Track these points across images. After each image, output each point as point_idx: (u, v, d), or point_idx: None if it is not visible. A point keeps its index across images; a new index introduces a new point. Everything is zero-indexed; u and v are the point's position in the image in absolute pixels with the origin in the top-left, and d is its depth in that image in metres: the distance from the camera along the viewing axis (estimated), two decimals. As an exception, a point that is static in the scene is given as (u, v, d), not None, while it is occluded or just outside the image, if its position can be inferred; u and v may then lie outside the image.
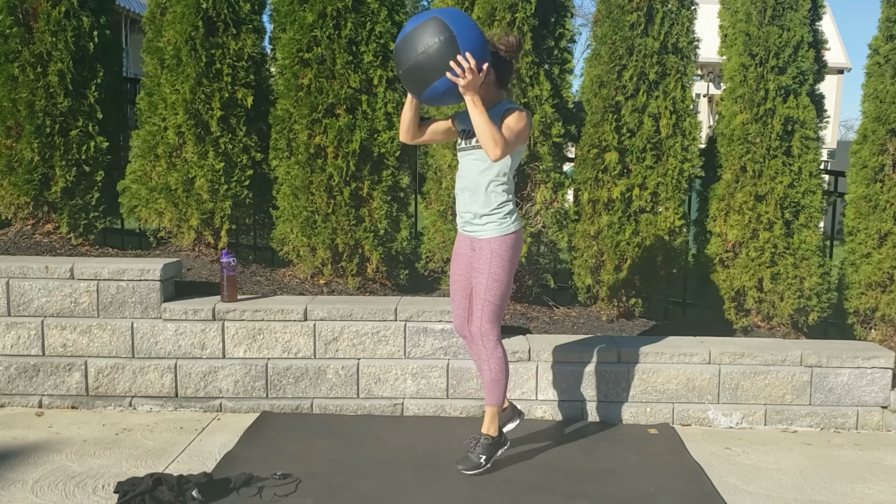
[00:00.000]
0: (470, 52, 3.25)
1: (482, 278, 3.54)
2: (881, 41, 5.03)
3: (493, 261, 3.52)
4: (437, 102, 3.49)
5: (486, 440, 3.66)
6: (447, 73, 3.26)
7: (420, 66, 3.28)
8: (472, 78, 3.26)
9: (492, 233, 3.52)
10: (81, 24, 5.03)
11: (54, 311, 4.38)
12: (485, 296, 3.55)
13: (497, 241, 3.52)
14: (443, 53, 3.24)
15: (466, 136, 3.58)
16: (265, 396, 4.39)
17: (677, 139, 4.96)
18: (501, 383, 3.64)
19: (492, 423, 3.68)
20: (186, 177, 5.00)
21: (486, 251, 3.53)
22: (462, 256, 3.70)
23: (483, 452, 3.63)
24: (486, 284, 3.53)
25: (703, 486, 3.57)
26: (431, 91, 3.34)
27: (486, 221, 3.53)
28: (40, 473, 3.50)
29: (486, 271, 3.53)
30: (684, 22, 4.96)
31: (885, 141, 4.97)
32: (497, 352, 3.61)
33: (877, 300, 5.01)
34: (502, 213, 3.52)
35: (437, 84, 3.30)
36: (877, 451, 4.12)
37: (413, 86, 3.39)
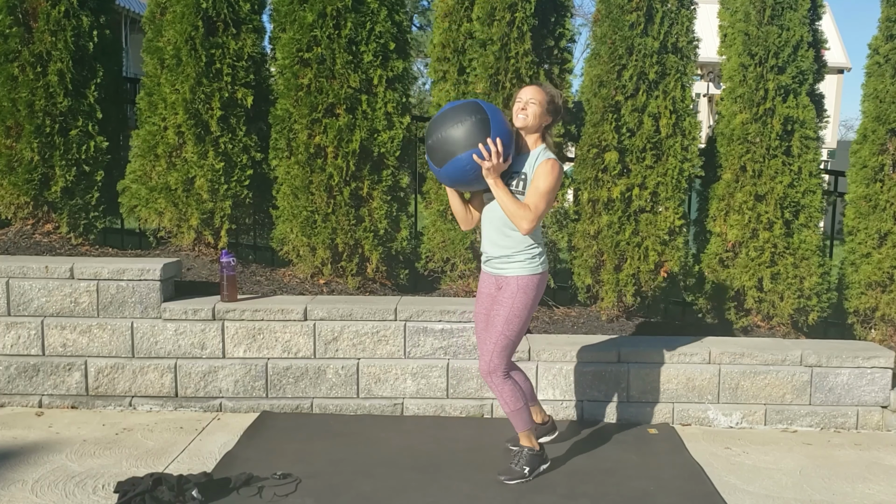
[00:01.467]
0: (500, 138, 3.37)
1: (503, 311, 3.51)
2: (881, 41, 5.03)
3: (518, 295, 3.50)
4: (457, 180, 3.50)
5: (531, 451, 3.64)
6: (474, 155, 3.35)
7: (449, 137, 3.39)
8: (497, 162, 3.35)
9: (520, 271, 3.52)
10: (81, 23, 5.03)
11: (54, 311, 4.37)
12: (502, 329, 3.50)
13: (525, 279, 3.51)
14: (474, 130, 3.36)
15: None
16: (265, 396, 4.39)
17: (677, 139, 4.96)
18: (521, 411, 3.59)
19: (528, 440, 3.66)
20: (186, 176, 5.00)
21: (513, 286, 3.51)
22: (485, 296, 3.68)
23: (527, 464, 3.61)
24: (505, 318, 3.50)
25: (702, 486, 3.57)
26: (454, 164, 3.41)
27: (515, 261, 3.53)
28: (40, 473, 3.50)
29: (508, 305, 3.50)
30: (684, 21, 4.96)
31: (885, 141, 4.97)
32: (506, 385, 3.55)
33: (877, 300, 5.01)
34: (532, 253, 3.53)
35: (461, 157, 3.38)
36: (877, 450, 4.12)
37: (437, 156, 3.45)
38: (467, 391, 4.40)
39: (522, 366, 4.36)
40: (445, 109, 3.46)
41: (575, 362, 4.39)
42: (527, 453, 3.63)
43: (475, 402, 4.41)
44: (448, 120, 3.40)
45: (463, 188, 3.58)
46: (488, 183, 3.41)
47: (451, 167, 3.42)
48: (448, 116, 3.41)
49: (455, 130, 3.37)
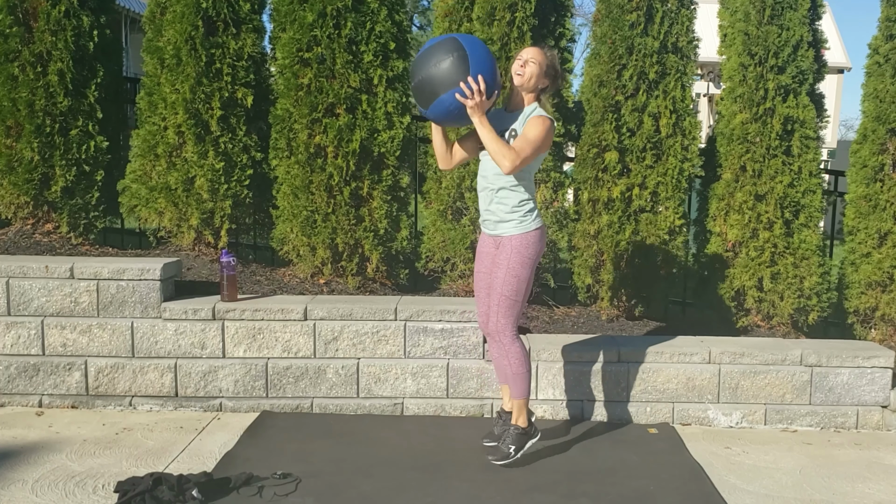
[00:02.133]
0: (481, 75, 3.33)
1: (500, 273, 3.58)
2: (881, 41, 5.03)
3: (513, 256, 3.56)
4: (445, 120, 3.52)
5: (516, 430, 3.70)
6: (456, 94, 3.33)
7: (430, 78, 3.35)
8: (479, 100, 3.35)
9: (513, 230, 3.57)
10: (81, 23, 5.03)
11: (54, 311, 4.38)
12: (501, 290, 3.58)
13: (518, 238, 3.57)
14: (453, 69, 3.33)
15: None
16: (265, 396, 4.39)
17: (677, 139, 4.96)
18: (524, 376, 3.67)
19: (520, 415, 3.71)
20: (186, 176, 5.00)
21: (508, 248, 3.58)
22: (485, 255, 3.74)
23: (512, 443, 3.68)
24: (503, 279, 3.58)
25: (702, 486, 3.57)
26: (438, 105, 3.39)
27: (508, 220, 3.58)
28: (40, 473, 3.50)
29: (504, 266, 3.58)
30: (684, 21, 4.96)
31: (885, 140, 4.97)
32: (514, 346, 3.64)
33: (877, 300, 5.01)
34: (523, 211, 3.57)
35: (444, 97, 3.36)
36: (877, 450, 4.12)
37: (422, 98, 3.44)
38: (467, 391, 4.40)
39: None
40: (425, 48, 3.42)
41: (575, 362, 4.39)
42: (513, 432, 3.69)
43: (475, 401, 4.41)
44: (428, 60, 3.37)
45: (452, 126, 3.58)
46: (473, 121, 3.41)
47: (435, 108, 3.41)
48: (427, 56, 3.38)
49: (435, 70, 3.34)
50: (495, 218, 3.62)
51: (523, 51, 3.61)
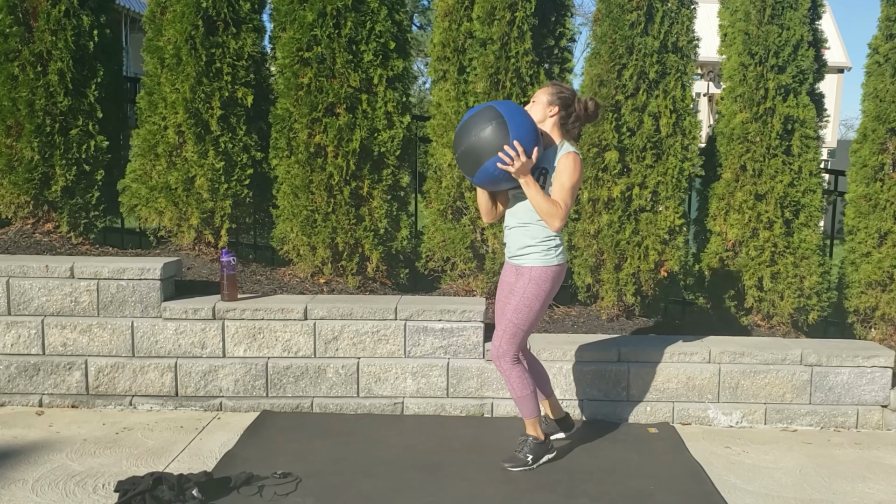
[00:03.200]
0: (518, 139, 3.42)
1: (514, 299, 3.61)
2: (881, 40, 5.03)
3: (530, 286, 3.59)
4: (491, 185, 3.58)
5: (535, 440, 3.72)
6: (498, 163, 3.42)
7: (473, 148, 3.46)
8: (521, 164, 3.41)
9: (535, 262, 3.60)
10: (81, 23, 5.03)
11: (54, 310, 4.38)
12: (511, 316, 3.61)
13: (538, 270, 3.59)
14: (493, 136, 3.43)
15: None
16: (265, 395, 4.39)
17: (677, 138, 4.96)
18: (529, 397, 3.68)
19: (534, 429, 3.74)
20: (186, 176, 5.01)
21: (526, 277, 3.61)
22: (506, 284, 3.78)
23: (530, 452, 3.70)
24: (515, 306, 3.60)
25: (702, 485, 3.57)
26: (483, 173, 3.49)
27: (531, 252, 3.62)
28: (41, 472, 3.50)
29: (520, 294, 3.61)
30: (684, 21, 4.96)
31: (885, 140, 4.97)
32: (514, 371, 3.66)
33: (877, 299, 5.01)
34: (548, 245, 3.61)
35: (487, 165, 3.46)
36: (877, 449, 4.12)
37: (467, 167, 3.54)
38: (467, 390, 4.40)
39: (522, 365, 4.36)
40: (465, 120, 3.53)
41: (575, 361, 4.39)
42: (531, 441, 3.71)
43: (475, 401, 4.41)
44: (468, 131, 3.48)
45: (500, 189, 3.62)
46: (521, 183, 3.48)
47: (481, 175, 3.50)
48: (467, 127, 3.49)
49: (476, 140, 3.45)
50: (519, 245, 3.65)
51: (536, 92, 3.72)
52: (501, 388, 4.38)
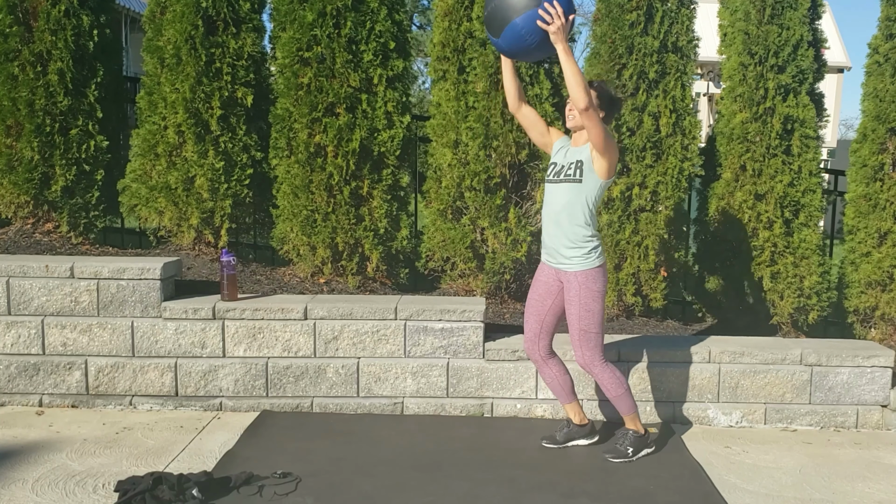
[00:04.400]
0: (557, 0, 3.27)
1: (574, 310, 3.67)
2: (881, 40, 5.03)
3: (583, 292, 3.65)
4: (515, 50, 3.44)
5: (635, 434, 3.84)
6: (538, 21, 3.28)
7: (503, 3, 3.30)
8: (560, 24, 3.31)
9: (578, 266, 3.64)
10: (81, 22, 5.03)
11: (54, 310, 4.38)
12: (579, 325, 3.68)
13: (583, 275, 3.64)
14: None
15: (556, 171, 3.71)
16: (265, 395, 4.39)
17: (677, 138, 4.96)
18: (624, 396, 3.79)
19: (634, 424, 3.85)
20: (186, 176, 5.01)
21: (575, 284, 3.66)
22: (542, 283, 3.83)
23: (630, 445, 3.80)
24: (578, 315, 3.66)
25: (702, 485, 3.57)
26: (510, 31, 3.32)
27: (572, 256, 3.65)
28: (41, 472, 3.50)
29: (576, 303, 3.66)
30: (684, 21, 4.97)
31: (885, 140, 4.97)
32: (606, 372, 3.76)
33: (877, 299, 5.01)
34: (587, 248, 3.64)
35: (517, 21, 3.29)
36: (877, 449, 4.12)
37: (494, 24, 3.37)
38: (467, 390, 4.40)
39: (523, 365, 4.36)
40: None
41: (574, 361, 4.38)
42: (632, 435, 3.83)
43: (475, 401, 4.41)
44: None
45: (523, 57, 3.52)
46: (558, 49, 3.38)
47: (508, 35, 3.35)
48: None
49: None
50: (560, 251, 3.68)
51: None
52: (501, 387, 4.39)
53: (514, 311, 5.02)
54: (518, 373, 4.38)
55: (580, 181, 3.59)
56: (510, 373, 4.37)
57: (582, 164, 3.60)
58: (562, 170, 3.67)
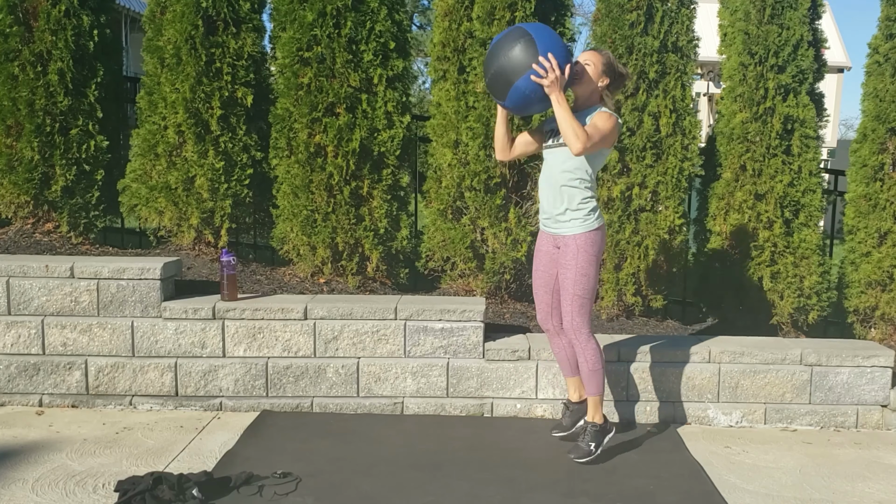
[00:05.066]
0: (551, 53, 3.40)
1: (570, 273, 3.65)
2: (881, 40, 5.03)
3: (580, 255, 3.64)
4: (523, 106, 3.57)
5: (594, 427, 3.78)
6: (532, 76, 3.40)
7: (503, 69, 3.44)
8: (555, 76, 3.41)
9: (577, 229, 3.64)
10: (81, 22, 5.03)
11: (54, 310, 4.38)
12: (573, 290, 3.65)
13: (582, 237, 3.63)
14: (523, 54, 3.40)
15: (553, 135, 3.72)
16: (265, 395, 4.39)
17: (677, 138, 4.96)
18: (599, 373, 3.76)
19: (595, 412, 3.80)
20: (186, 176, 5.01)
21: (572, 247, 3.64)
22: (544, 253, 3.83)
23: (592, 440, 3.75)
24: (573, 279, 3.64)
25: (702, 485, 3.57)
26: (515, 92, 3.46)
27: (571, 218, 3.65)
28: (41, 472, 3.50)
29: (573, 266, 3.64)
30: (684, 21, 4.97)
31: (885, 140, 4.97)
32: (591, 343, 3.73)
33: (877, 299, 5.01)
34: (586, 209, 3.64)
35: (519, 83, 3.43)
36: (877, 449, 4.12)
37: (498, 90, 3.52)
38: (467, 390, 4.40)
39: (522, 364, 4.36)
40: (493, 44, 3.52)
41: (575, 361, 4.39)
42: (591, 429, 3.78)
43: (475, 401, 4.41)
44: (497, 53, 3.46)
45: (533, 111, 3.61)
46: (552, 99, 3.46)
47: (513, 96, 3.47)
48: (496, 49, 3.47)
49: (506, 60, 3.42)
50: (558, 214, 3.68)
51: (580, 55, 3.71)
52: (501, 387, 4.39)
53: (514, 311, 5.02)
54: (518, 373, 4.38)
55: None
56: (510, 373, 4.38)
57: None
58: (559, 135, 3.64)
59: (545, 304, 3.89)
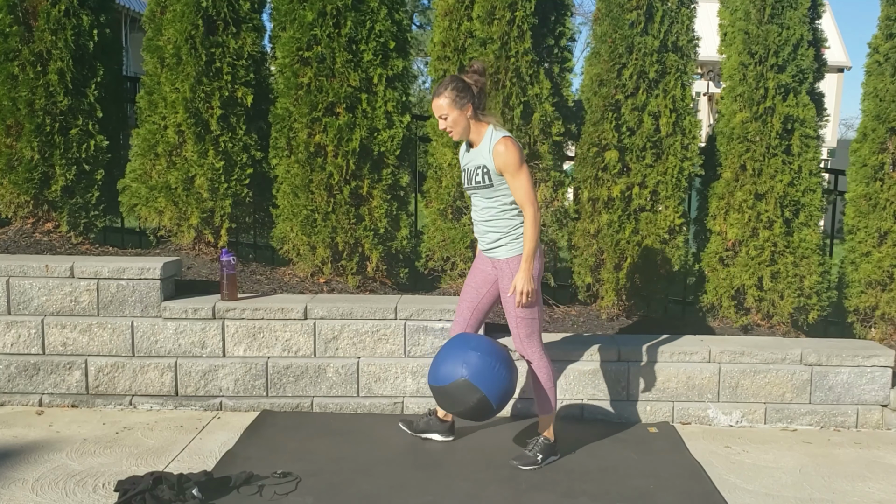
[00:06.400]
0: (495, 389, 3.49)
1: (510, 297, 3.65)
2: (881, 40, 5.03)
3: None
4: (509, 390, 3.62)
5: (546, 441, 3.79)
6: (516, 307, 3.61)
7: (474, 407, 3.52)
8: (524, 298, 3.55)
9: (509, 253, 3.65)
10: (81, 22, 5.03)
11: (54, 310, 4.38)
12: (516, 313, 3.67)
13: (515, 261, 3.64)
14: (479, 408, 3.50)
15: (467, 177, 3.72)
16: (265, 395, 4.39)
17: (677, 137, 4.96)
18: (552, 391, 3.78)
19: (547, 428, 3.81)
20: (186, 175, 5.00)
21: (507, 272, 3.66)
22: (480, 271, 3.85)
23: (540, 452, 3.75)
24: (514, 302, 3.64)
25: (702, 485, 3.57)
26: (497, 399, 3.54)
27: (502, 244, 3.67)
28: (41, 472, 3.50)
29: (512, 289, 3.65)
30: (684, 20, 4.96)
31: (885, 139, 4.97)
32: (543, 362, 3.74)
33: (877, 298, 5.01)
34: (516, 234, 3.64)
35: (493, 406, 3.54)
36: (877, 449, 4.12)
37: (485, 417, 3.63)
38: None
39: (521, 365, 4.36)
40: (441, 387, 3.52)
41: (575, 361, 4.39)
42: (542, 441, 3.78)
43: (475, 400, 4.40)
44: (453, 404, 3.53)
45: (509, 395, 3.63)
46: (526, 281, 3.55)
47: (497, 401, 3.52)
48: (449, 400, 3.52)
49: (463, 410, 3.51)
50: (490, 242, 3.71)
51: (432, 105, 3.63)
52: (501, 387, 4.38)
53: (514, 310, 5.02)
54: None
55: (492, 185, 3.59)
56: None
57: (488, 171, 3.57)
58: (471, 177, 3.65)
59: (462, 318, 3.87)
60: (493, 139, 3.55)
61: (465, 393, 3.44)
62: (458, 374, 3.43)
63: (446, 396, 3.49)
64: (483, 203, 3.66)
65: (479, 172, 3.59)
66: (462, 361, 3.45)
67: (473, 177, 3.62)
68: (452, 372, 3.44)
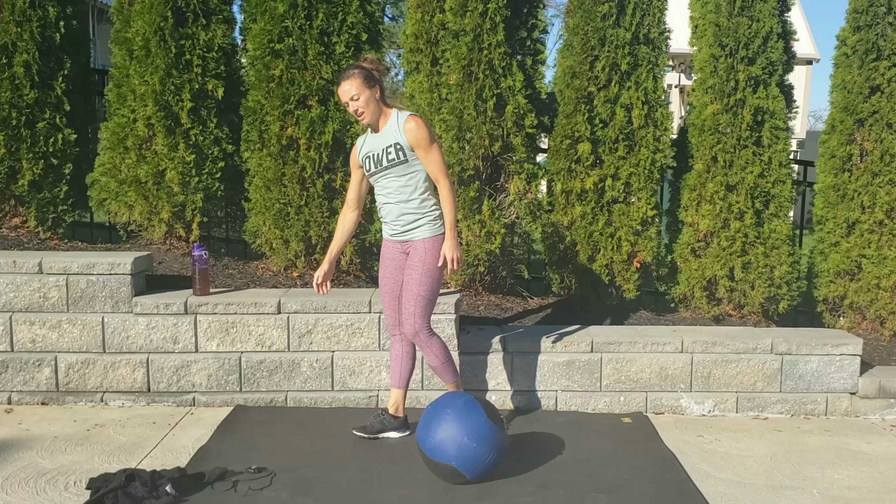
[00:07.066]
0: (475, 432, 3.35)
1: (415, 274, 3.70)
2: (849, 32, 5.09)
3: (427, 258, 3.70)
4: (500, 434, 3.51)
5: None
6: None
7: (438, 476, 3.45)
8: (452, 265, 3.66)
9: (425, 233, 3.71)
10: (47, 14, 4.95)
11: (23, 307, 4.31)
12: (417, 291, 3.70)
13: (430, 241, 3.71)
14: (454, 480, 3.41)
15: (374, 161, 3.70)
16: (239, 390, 4.36)
17: (649, 130, 4.99)
18: (450, 362, 3.85)
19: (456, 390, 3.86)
20: (157, 169, 4.95)
21: (420, 249, 3.71)
22: (390, 261, 3.86)
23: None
24: (418, 280, 3.69)
25: (675, 474, 3.61)
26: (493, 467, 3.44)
27: (419, 225, 3.71)
28: (10, 471, 3.45)
29: (419, 267, 3.70)
30: (655, 13, 4.99)
31: (853, 131, 5.04)
32: (433, 339, 3.79)
33: (845, 288, 5.08)
34: (434, 215, 3.72)
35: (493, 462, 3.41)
36: (845, 436, 4.18)
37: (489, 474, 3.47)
38: (442, 382, 4.40)
39: (496, 356, 4.38)
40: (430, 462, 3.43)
41: (548, 352, 4.41)
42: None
43: (450, 393, 4.41)
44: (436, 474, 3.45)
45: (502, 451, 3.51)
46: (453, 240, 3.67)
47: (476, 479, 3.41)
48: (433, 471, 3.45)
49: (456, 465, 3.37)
50: (405, 224, 3.72)
51: (340, 91, 3.64)
52: (475, 379, 4.39)
53: (488, 303, 5.03)
54: (492, 365, 4.39)
55: (406, 161, 3.63)
56: (484, 365, 4.38)
57: (401, 147, 3.61)
58: (381, 159, 3.65)
59: (392, 309, 3.88)
60: (400, 118, 3.63)
61: (448, 474, 3.39)
62: (448, 458, 3.35)
63: (427, 462, 3.44)
64: (399, 182, 3.67)
65: (393, 150, 3.62)
66: (456, 447, 3.33)
67: (385, 157, 3.64)
68: (442, 453, 3.35)
